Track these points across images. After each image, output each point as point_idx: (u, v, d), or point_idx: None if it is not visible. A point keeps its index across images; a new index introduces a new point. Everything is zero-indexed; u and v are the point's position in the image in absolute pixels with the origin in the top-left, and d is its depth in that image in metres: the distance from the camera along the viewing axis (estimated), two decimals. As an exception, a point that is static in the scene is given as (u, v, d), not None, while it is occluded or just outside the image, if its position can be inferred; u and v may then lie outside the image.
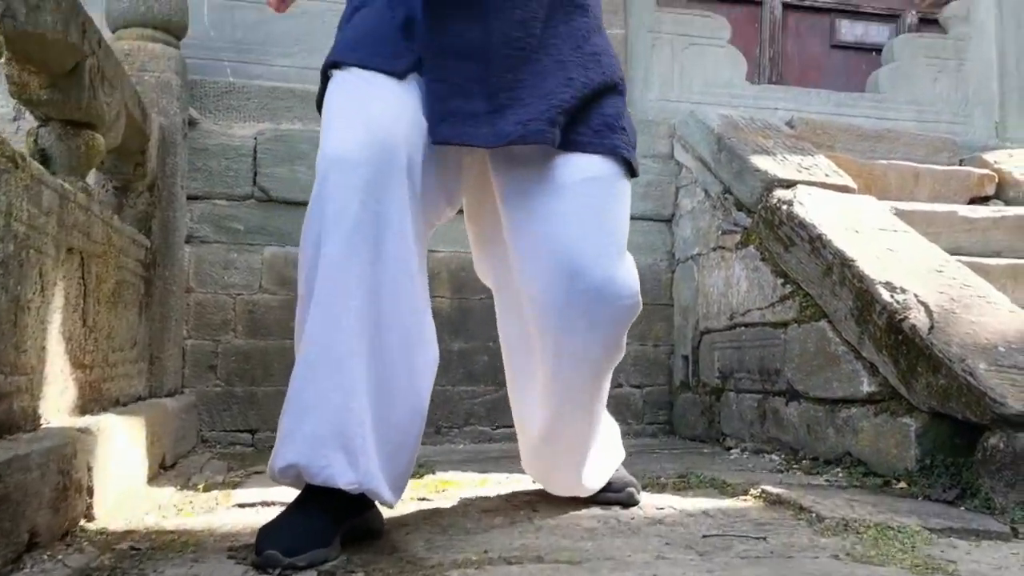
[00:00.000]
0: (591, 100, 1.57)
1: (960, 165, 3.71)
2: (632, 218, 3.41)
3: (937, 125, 4.16)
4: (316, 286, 1.40)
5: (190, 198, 3.27)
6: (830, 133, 3.59)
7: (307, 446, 1.36)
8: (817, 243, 2.54)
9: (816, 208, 2.69)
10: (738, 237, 3.06)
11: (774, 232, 2.79)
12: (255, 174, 3.36)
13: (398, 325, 1.43)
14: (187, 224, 3.26)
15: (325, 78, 1.63)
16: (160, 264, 2.91)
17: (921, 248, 2.54)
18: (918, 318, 2.11)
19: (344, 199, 1.39)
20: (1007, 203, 3.41)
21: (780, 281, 2.76)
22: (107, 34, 3.14)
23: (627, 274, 1.58)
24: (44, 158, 2.01)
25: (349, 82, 1.54)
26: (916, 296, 2.19)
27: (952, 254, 2.96)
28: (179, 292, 3.10)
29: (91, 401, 2.03)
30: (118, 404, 2.32)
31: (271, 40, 3.57)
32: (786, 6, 5.30)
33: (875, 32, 5.42)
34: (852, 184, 2.97)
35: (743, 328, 3.01)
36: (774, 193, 2.88)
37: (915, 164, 3.40)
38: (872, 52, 5.43)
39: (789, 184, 2.90)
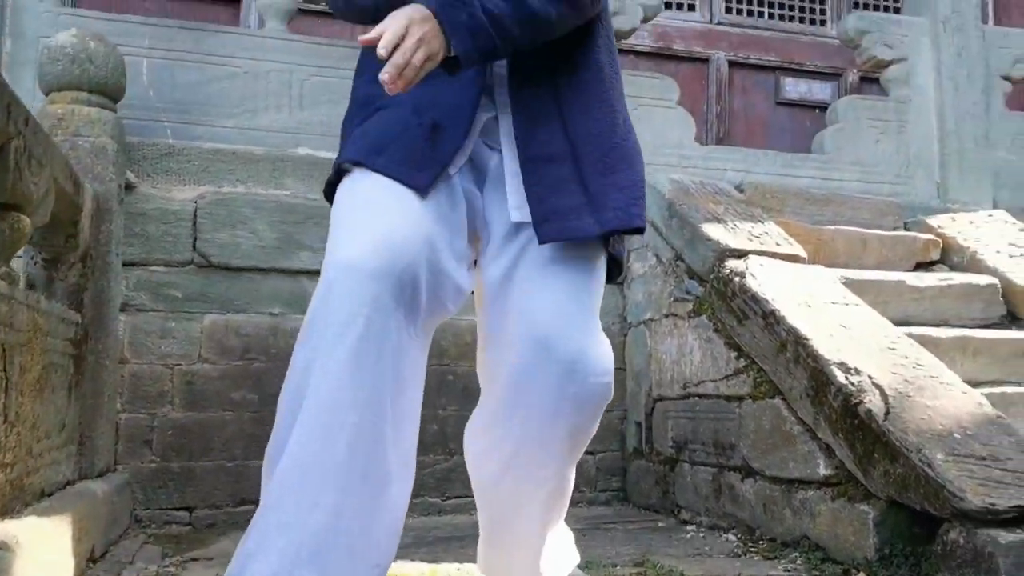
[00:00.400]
0: None
1: (905, 228, 3.75)
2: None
3: (881, 186, 4.22)
4: (308, 398, 1.32)
5: (126, 264, 3.14)
6: (779, 197, 3.61)
7: (283, 565, 1.26)
8: (771, 319, 2.52)
9: (768, 281, 2.67)
10: (690, 305, 3.04)
11: (727, 304, 2.77)
12: (195, 239, 3.24)
13: (384, 446, 1.35)
14: (122, 292, 3.12)
15: (339, 171, 1.54)
16: (92, 338, 2.77)
17: (873, 323, 2.54)
18: (873, 402, 2.09)
19: (351, 312, 1.33)
20: (951, 268, 3.45)
21: (734, 354, 2.73)
22: (40, 97, 3.04)
23: (604, 353, 1.52)
24: (-36, 244, 1.89)
25: (368, 187, 1.46)
26: (871, 378, 2.17)
27: (901, 323, 2.99)
28: (112, 365, 2.95)
29: (13, 499, 1.90)
30: (43, 496, 2.18)
31: (213, 101, 3.48)
32: (732, 64, 5.40)
33: (818, 90, 5.54)
34: (802, 253, 2.97)
35: (697, 398, 2.97)
36: (726, 263, 2.86)
37: (862, 230, 3.42)
38: (815, 109, 5.55)
39: (741, 254, 2.88)
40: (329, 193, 1.58)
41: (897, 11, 5.28)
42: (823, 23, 5.60)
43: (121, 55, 3.07)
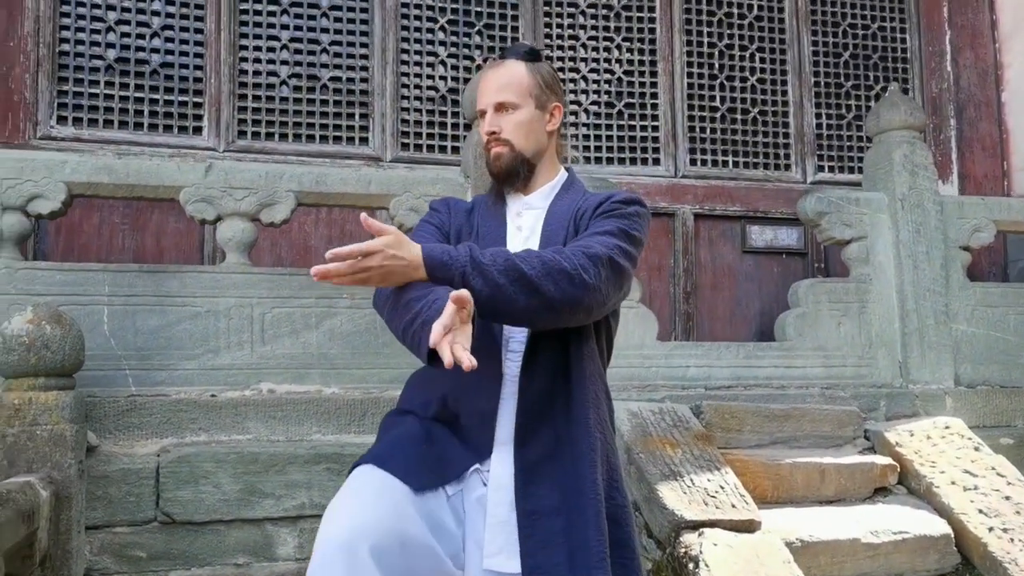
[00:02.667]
0: None
1: (865, 437, 3.80)
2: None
3: (843, 370, 4.27)
4: None
5: (89, 528, 3.15)
6: (738, 417, 3.65)
7: None
8: (721, 630, 2.55)
9: (718, 572, 2.71)
10: (650, 565, 3.06)
11: (683, 588, 2.80)
12: (158, 498, 3.26)
13: None
14: (86, 558, 3.14)
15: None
16: (53, 637, 2.79)
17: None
18: None
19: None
20: (909, 492, 3.50)
21: (689, 645, 2.76)
22: (-2, 382, 3.06)
23: None
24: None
25: (363, 478, 1.67)
26: None
27: (857, 582, 3.03)
28: (75, 646, 2.97)
29: None
30: None
31: (174, 343, 3.50)
32: (698, 216, 5.45)
33: (784, 235, 5.62)
34: (758, 517, 3.00)
35: (657, 664, 3.00)
36: (681, 539, 2.89)
37: (820, 460, 3.45)
38: (783, 255, 5.62)
39: (696, 526, 2.92)
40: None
41: (860, 168, 5.35)
42: (787, 167, 5.66)
43: (79, 332, 3.09)
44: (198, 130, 4.76)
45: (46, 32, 4.52)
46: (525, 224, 1.93)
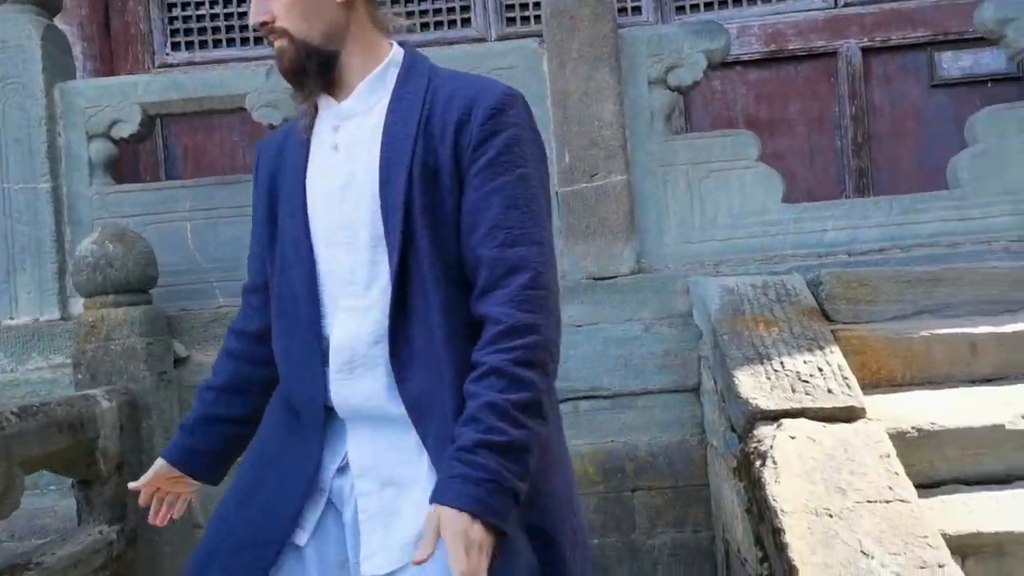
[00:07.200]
0: None
1: (1051, 298, 2.98)
2: (651, 392, 3.08)
3: (1041, 215, 3.39)
4: None
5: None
6: (870, 284, 2.99)
7: None
8: (779, 538, 2.10)
9: (788, 474, 2.23)
10: (734, 462, 2.63)
11: (752, 489, 2.36)
12: (246, 403, 3.32)
13: None
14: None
15: None
16: (141, 540, 2.94)
17: (913, 536, 2.04)
18: None
19: None
20: (1103, 364, 2.70)
21: (759, 553, 2.34)
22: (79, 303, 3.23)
23: None
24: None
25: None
26: (863, 669, 1.75)
27: (1002, 480, 2.43)
28: (176, 548, 3.13)
29: None
30: None
31: (255, 252, 3.49)
32: (867, 51, 4.60)
33: (988, 59, 4.59)
34: (859, 404, 2.44)
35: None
36: (755, 431, 2.43)
37: (971, 330, 2.74)
38: (987, 83, 4.59)
39: (775, 417, 2.44)
40: None
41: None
42: (989, -28, 4.53)
43: (146, 248, 3.16)
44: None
45: (151, -39, 4.64)
46: (343, 140, 1.44)
